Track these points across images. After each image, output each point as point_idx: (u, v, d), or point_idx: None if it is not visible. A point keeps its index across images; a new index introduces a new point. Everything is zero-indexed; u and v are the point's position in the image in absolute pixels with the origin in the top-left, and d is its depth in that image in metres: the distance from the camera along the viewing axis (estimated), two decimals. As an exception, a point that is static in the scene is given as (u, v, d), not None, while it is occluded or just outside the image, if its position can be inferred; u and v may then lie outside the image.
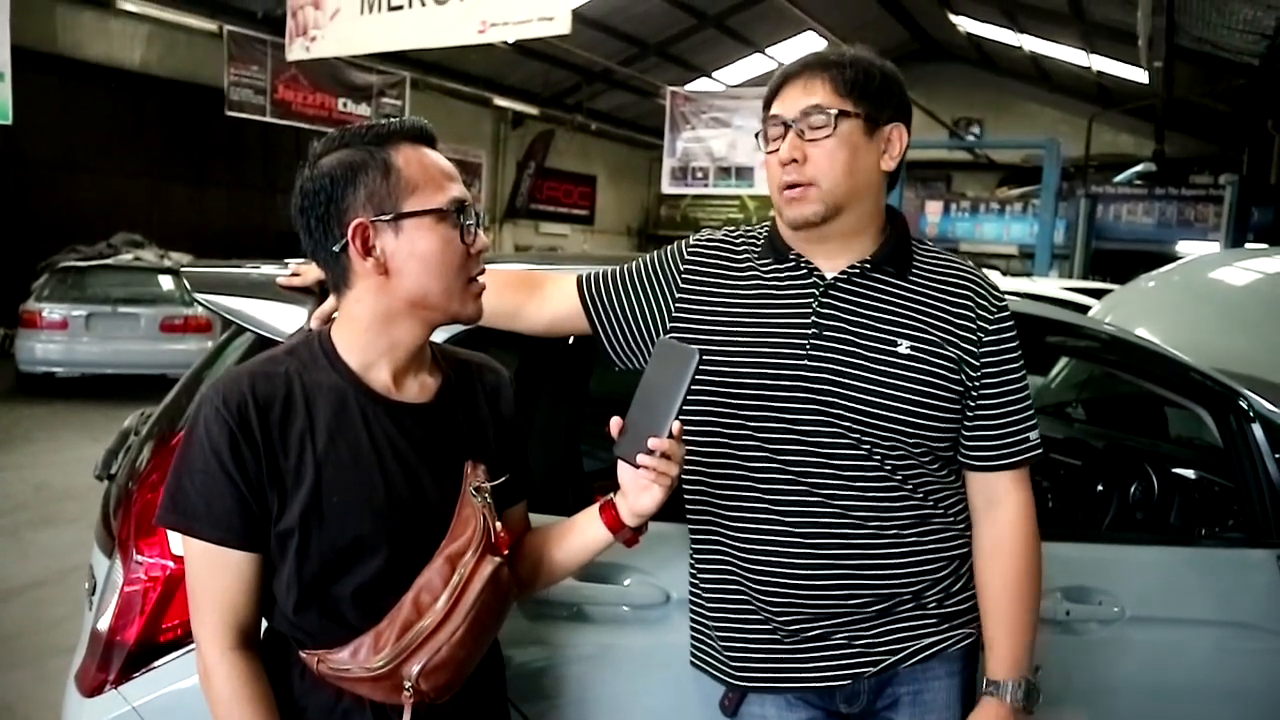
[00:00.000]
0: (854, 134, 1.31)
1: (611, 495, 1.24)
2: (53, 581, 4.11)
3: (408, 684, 1.09)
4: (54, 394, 8.29)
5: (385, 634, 1.09)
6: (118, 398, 8.08)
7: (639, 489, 1.18)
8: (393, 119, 1.14)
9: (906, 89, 1.37)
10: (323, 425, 1.10)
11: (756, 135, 1.41)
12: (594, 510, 1.26)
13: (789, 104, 1.33)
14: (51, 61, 10.67)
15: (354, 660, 1.09)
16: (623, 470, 1.19)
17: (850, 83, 1.31)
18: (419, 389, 1.18)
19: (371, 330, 1.13)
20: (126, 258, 8.99)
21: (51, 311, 8.19)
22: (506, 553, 1.17)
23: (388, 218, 1.08)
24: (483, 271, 1.18)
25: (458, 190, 1.13)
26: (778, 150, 1.33)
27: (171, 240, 10.12)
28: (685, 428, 1.41)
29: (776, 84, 1.37)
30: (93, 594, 1.66)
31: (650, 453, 1.14)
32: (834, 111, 1.29)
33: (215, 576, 1.09)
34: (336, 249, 1.10)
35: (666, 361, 1.16)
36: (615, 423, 1.18)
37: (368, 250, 1.09)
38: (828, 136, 1.30)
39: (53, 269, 8.66)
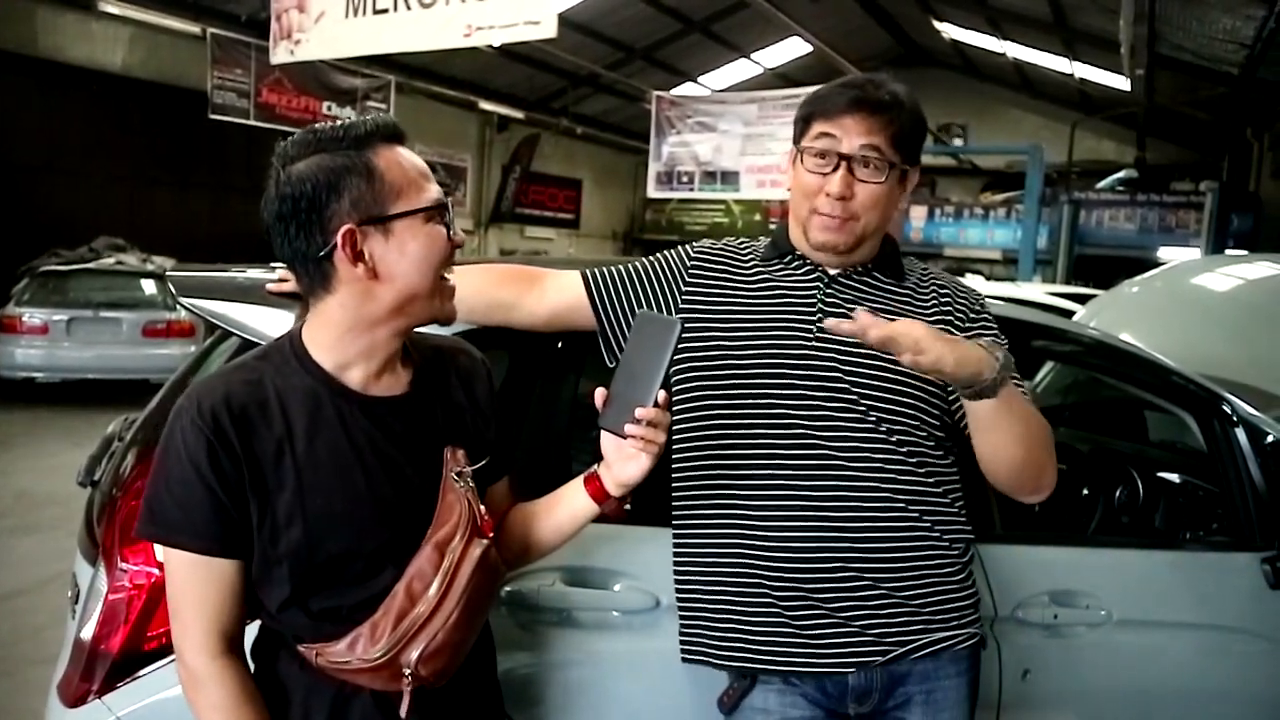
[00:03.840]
0: (893, 182, 1.41)
1: (595, 467, 1.25)
2: (33, 590, 4.06)
3: (407, 671, 1.11)
4: (34, 399, 8.21)
5: (381, 624, 1.11)
6: (99, 403, 7.99)
7: (624, 458, 1.20)
8: (367, 119, 1.13)
9: None
10: (300, 429, 1.11)
11: (799, 145, 1.44)
12: (578, 482, 1.27)
13: (850, 136, 1.37)
14: (32, 64, 10.57)
15: (352, 652, 1.11)
16: (606, 440, 1.21)
17: (904, 135, 1.39)
18: (393, 382, 1.19)
19: (352, 333, 1.14)
20: (108, 261, 8.91)
21: (32, 316, 8.11)
22: (492, 534, 1.18)
23: (376, 222, 1.08)
24: (452, 271, 1.19)
25: (436, 188, 1.14)
26: (824, 175, 1.39)
27: (154, 244, 10.02)
28: (695, 409, 1.45)
29: (828, 107, 1.40)
30: (76, 603, 1.65)
31: (637, 422, 1.15)
32: (889, 162, 1.38)
33: (198, 586, 1.10)
34: (321, 255, 1.09)
35: (647, 333, 1.20)
36: (599, 394, 1.19)
37: (357, 256, 1.08)
38: (878, 184, 1.38)
39: (33, 273, 8.56)
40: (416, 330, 1.23)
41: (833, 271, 1.45)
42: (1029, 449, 1.36)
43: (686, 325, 1.42)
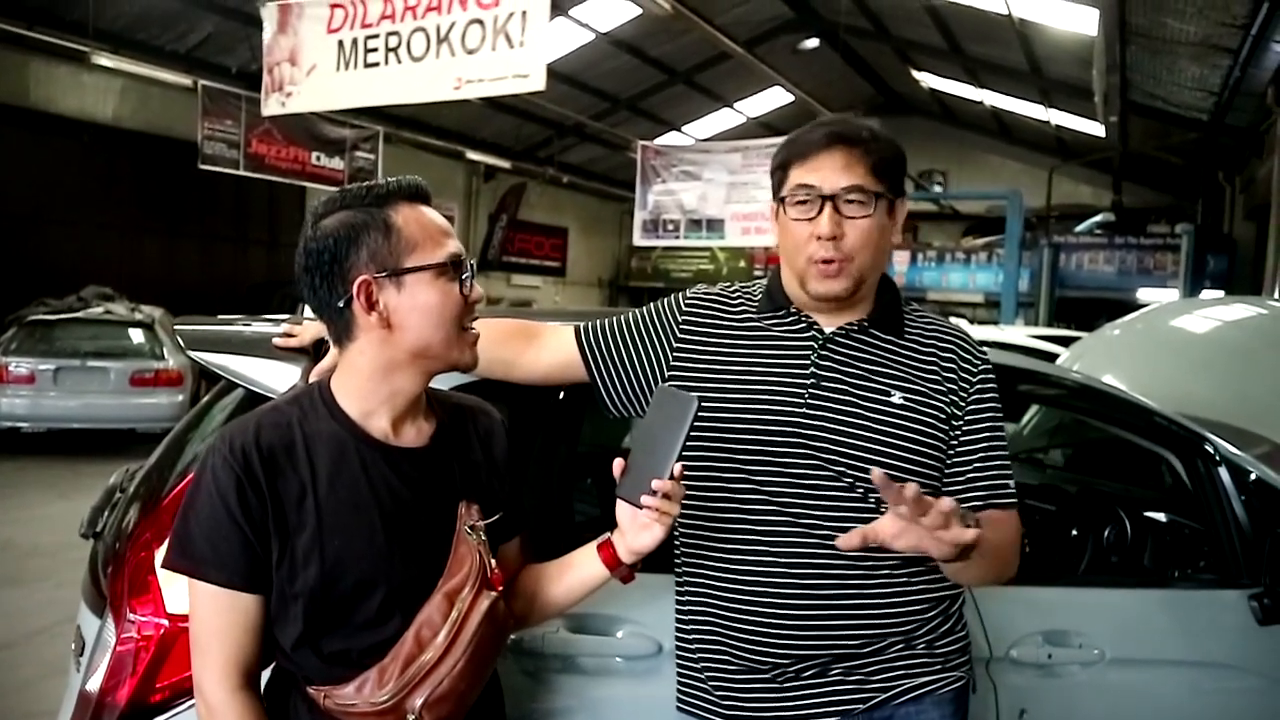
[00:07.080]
0: (882, 214, 1.37)
1: (608, 534, 1.29)
2: (20, 643, 4.01)
3: (411, 717, 1.13)
4: (19, 450, 8.13)
5: (389, 669, 1.14)
6: (86, 453, 7.95)
7: (638, 528, 1.23)
8: (391, 180, 1.20)
9: None
10: (323, 472, 1.16)
11: (779, 196, 1.40)
12: (591, 548, 1.31)
13: (826, 177, 1.34)
14: (24, 115, 10.67)
15: (359, 695, 1.14)
16: (621, 510, 1.25)
17: (884, 163, 1.36)
18: (415, 434, 1.24)
19: (373, 380, 1.19)
20: (96, 311, 8.88)
21: (18, 365, 8.06)
22: (501, 588, 1.21)
23: (390, 274, 1.15)
24: (476, 319, 1.24)
25: (454, 246, 1.20)
26: (810, 220, 1.35)
27: (142, 293, 10.02)
28: (687, 469, 1.45)
29: (803, 150, 1.37)
30: (81, 654, 1.65)
31: (653, 493, 1.19)
32: (874, 193, 1.34)
33: (221, 618, 1.14)
34: (341, 304, 1.16)
35: (666, 407, 1.24)
36: (618, 464, 1.23)
37: (371, 305, 1.15)
38: (867, 218, 1.35)
39: (21, 322, 8.53)
40: (440, 389, 1.26)
41: (828, 330, 1.42)
42: (997, 574, 1.39)
43: (678, 381, 1.44)
